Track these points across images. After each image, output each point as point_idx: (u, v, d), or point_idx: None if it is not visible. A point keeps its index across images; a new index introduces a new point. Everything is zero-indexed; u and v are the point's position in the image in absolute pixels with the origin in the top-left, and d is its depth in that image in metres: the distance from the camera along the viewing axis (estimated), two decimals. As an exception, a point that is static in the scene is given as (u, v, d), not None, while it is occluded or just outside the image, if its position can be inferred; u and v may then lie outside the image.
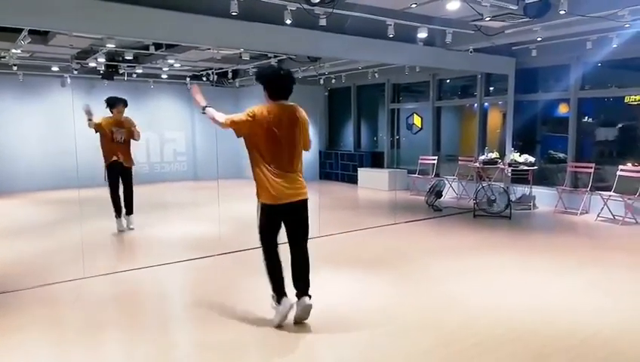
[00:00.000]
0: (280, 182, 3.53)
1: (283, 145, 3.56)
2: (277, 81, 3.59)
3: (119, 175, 7.00)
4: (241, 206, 9.45)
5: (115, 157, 6.88)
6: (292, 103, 3.69)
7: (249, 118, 3.52)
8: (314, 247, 6.44)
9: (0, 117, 11.14)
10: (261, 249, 3.69)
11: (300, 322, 3.69)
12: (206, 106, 3.58)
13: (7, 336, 3.67)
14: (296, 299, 3.68)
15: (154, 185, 11.56)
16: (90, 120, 6.65)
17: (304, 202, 3.67)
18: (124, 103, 6.97)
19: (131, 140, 7.06)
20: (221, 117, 3.62)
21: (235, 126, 3.54)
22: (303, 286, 3.69)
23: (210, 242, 6.36)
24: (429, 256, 5.88)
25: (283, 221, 3.67)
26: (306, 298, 3.67)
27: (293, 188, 3.59)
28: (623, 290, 4.62)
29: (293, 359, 3.32)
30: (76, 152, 6.12)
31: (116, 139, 6.89)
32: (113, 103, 6.91)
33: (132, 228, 7.17)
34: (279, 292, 3.64)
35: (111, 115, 6.94)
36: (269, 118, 3.52)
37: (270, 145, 3.53)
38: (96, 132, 6.83)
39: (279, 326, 3.67)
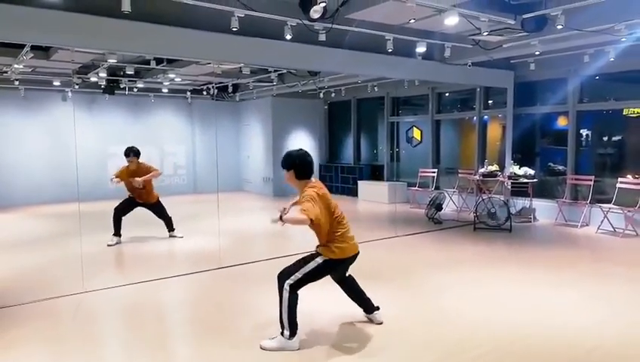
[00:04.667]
0: (350, 237, 3.78)
1: (336, 209, 3.76)
2: (307, 164, 3.77)
3: (136, 206, 7.26)
4: (240, 219, 9.47)
5: (133, 195, 7.22)
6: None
7: (316, 199, 3.57)
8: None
9: (1, 131, 11.20)
10: (291, 288, 3.58)
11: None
12: (281, 216, 3.48)
13: (5, 351, 3.65)
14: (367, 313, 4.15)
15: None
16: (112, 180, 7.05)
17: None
18: (134, 153, 7.12)
19: (152, 182, 7.29)
20: (301, 217, 3.49)
21: (316, 215, 3.50)
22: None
23: (209, 256, 6.34)
24: (429, 269, 5.87)
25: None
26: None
27: (354, 241, 3.84)
28: (624, 303, 4.60)
29: (294, 374, 3.31)
30: (77, 166, 6.16)
31: (135, 186, 7.10)
32: (126, 154, 7.11)
33: (181, 237, 7.57)
34: (295, 329, 3.62)
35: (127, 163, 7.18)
36: (323, 191, 3.71)
37: (334, 211, 3.71)
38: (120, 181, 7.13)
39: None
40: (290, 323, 3.59)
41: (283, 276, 3.65)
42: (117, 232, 7.15)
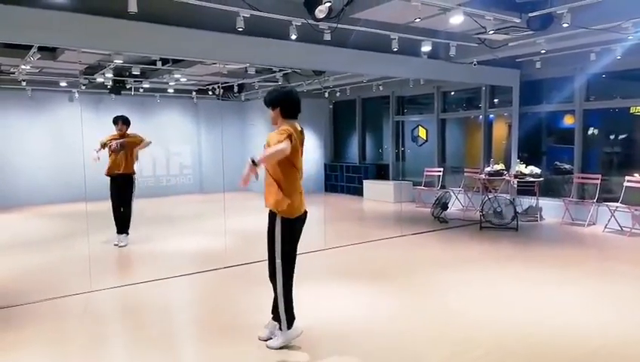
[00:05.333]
0: (300, 195, 3.63)
1: (301, 162, 3.64)
2: (295, 102, 3.61)
3: (118, 188, 6.99)
4: (247, 218, 9.49)
5: (112, 169, 6.94)
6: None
7: (292, 136, 3.44)
8: (320, 260, 6.44)
9: (9, 131, 11.27)
10: (283, 272, 3.55)
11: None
12: (253, 161, 3.28)
13: (11, 351, 3.68)
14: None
15: (160, 198, 11.63)
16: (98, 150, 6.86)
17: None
18: (123, 121, 7.02)
19: (134, 154, 7.07)
20: (280, 147, 3.33)
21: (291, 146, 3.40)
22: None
23: (216, 255, 6.37)
24: (435, 268, 5.86)
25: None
26: None
27: (302, 198, 3.68)
28: (630, 303, 4.58)
29: (300, 373, 3.32)
30: (84, 166, 6.18)
31: (112, 148, 6.94)
32: (114, 122, 7.04)
33: (124, 245, 7.01)
34: (292, 317, 3.62)
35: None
36: (297, 134, 3.56)
37: (299, 160, 3.61)
38: (104, 148, 6.95)
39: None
40: (287, 312, 3.57)
41: (272, 276, 3.63)
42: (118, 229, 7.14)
